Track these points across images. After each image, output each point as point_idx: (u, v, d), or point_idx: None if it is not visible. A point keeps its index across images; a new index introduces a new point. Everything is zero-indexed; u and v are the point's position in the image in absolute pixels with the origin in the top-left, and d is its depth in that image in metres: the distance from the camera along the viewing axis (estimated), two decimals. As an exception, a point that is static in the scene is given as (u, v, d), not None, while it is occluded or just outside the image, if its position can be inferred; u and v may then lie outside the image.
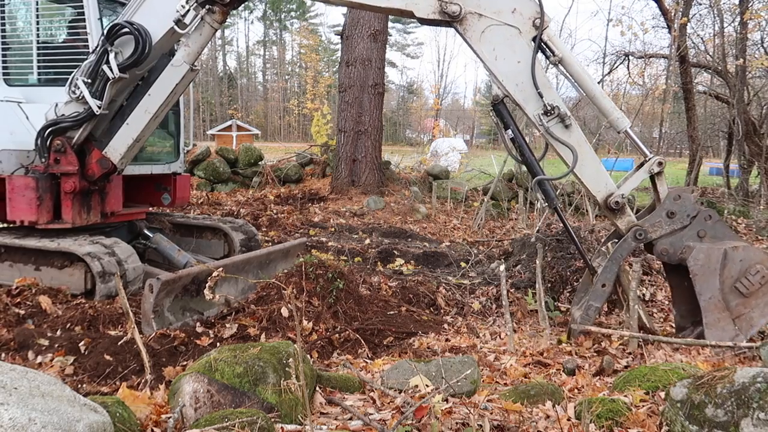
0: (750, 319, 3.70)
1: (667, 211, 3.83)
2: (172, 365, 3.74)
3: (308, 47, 55.56)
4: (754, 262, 3.67)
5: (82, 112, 5.01)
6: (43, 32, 6.03)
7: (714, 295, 3.62)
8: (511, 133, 4.40)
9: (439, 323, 5.03)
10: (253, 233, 6.83)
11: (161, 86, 5.02)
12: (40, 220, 5.21)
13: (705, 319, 3.72)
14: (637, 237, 3.88)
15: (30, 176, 5.20)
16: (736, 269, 3.65)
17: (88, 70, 4.92)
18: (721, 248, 3.72)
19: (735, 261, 3.66)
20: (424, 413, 2.55)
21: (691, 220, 3.79)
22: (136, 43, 4.77)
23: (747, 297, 3.65)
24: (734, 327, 3.66)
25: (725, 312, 3.65)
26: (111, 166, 5.23)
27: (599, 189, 4.08)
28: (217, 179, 14.43)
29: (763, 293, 3.68)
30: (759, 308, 3.69)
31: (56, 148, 5.12)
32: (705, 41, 16.99)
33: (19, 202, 5.16)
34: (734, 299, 3.65)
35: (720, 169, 22.14)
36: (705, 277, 3.64)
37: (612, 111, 4.16)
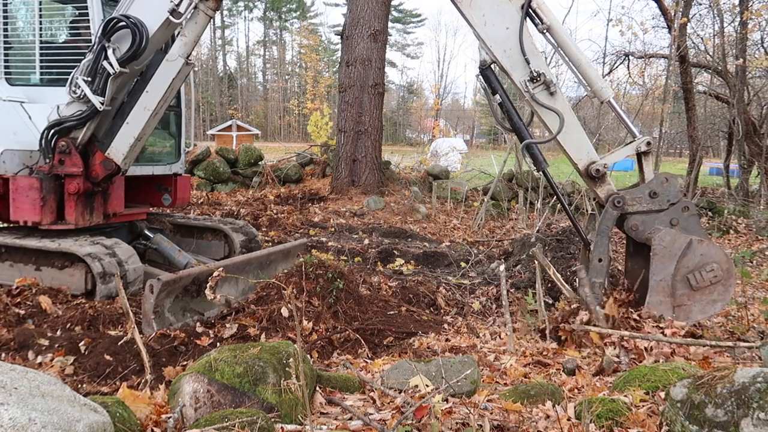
0: (689, 311, 3.76)
1: (650, 191, 3.86)
2: (172, 365, 3.74)
3: (308, 47, 55.56)
4: (712, 260, 3.72)
5: (85, 110, 5.03)
6: (45, 32, 6.03)
7: (665, 278, 3.67)
8: (499, 98, 4.40)
9: (439, 323, 5.03)
10: (254, 234, 6.84)
11: (158, 82, 5.04)
12: (44, 220, 5.22)
13: (648, 298, 3.76)
14: (616, 204, 3.90)
15: (34, 177, 5.20)
16: (694, 262, 3.71)
17: (87, 69, 4.94)
18: (687, 237, 3.77)
19: (696, 253, 3.72)
20: (424, 413, 2.55)
21: (669, 206, 3.83)
22: (133, 36, 4.80)
23: (694, 290, 3.71)
24: (672, 314, 3.71)
25: (669, 297, 3.70)
26: (114, 167, 5.25)
27: (581, 157, 4.11)
28: (217, 179, 14.43)
29: (710, 291, 3.74)
30: (701, 304, 3.76)
31: (61, 149, 5.14)
32: (705, 41, 16.99)
33: (22, 203, 5.17)
34: (682, 289, 3.70)
35: (720, 169, 22.14)
36: (663, 259, 3.68)
37: (596, 80, 4.19)
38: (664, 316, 3.73)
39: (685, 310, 3.72)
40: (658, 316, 3.78)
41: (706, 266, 3.69)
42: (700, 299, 3.75)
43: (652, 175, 4.02)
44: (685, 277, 3.70)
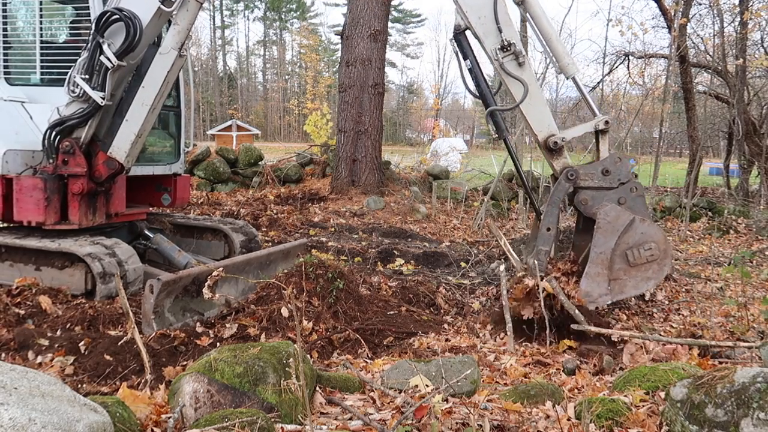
0: (623, 285, 3.89)
1: (603, 168, 3.97)
2: (172, 365, 3.74)
3: (308, 47, 55.57)
4: (651, 240, 3.83)
5: (86, 107, 5.04)
6: (45, 32, 6.03)
7: (605, 252, 3.78)
8: (470, 64, 4.47)
9: (439, 323, 5.03)
10: (254, 234, 6.84)
11: (153, 76, 5.06)
12: (48, 220, 5.23)
13: (587, 269, 3.85)
14: (569, 177, 4.01)
15: (38, 177, 5.20)
16: (634, 239, 3.82)
17: (84, 67, 4.96)
18: (631, 215, 3.88)
19: (637, 231, 3.84)
20: (424, 413, 2.55)
21: (619, 185, 3.95)
22: (127, 28, 4.83)
23: (631, 266, 3.83)
24: (607, 287, 3.82)
25: (607, 270, 3.80)
26: (118, 166, 5.26)
27: (542, 129, 4.19)
28: (217, 179, 14.43)
29: (645, 269, 3.86)
30: (635, 280, 3.87)
31: (65, 150, 5.15)
32: (705, 41, 16.99)
33: (26, 203, 5.17)
34: (619, 264, 3.82)
35: (720, 169, 22.15)
36: (606, 233, 3.79)
37: (564, 56, 4.30)
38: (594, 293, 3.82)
39: (619, 284, 3.85)
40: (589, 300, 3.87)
41: (645, 244, 3.81)
42: (635, 275, 3.86)
43: (607, 154, 4.13)
44: (624, 253, 3.82)
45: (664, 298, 6.27)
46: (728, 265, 7.48)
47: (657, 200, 13.76)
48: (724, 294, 6.50)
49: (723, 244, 10.84)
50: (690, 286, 6.88)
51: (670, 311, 5.89)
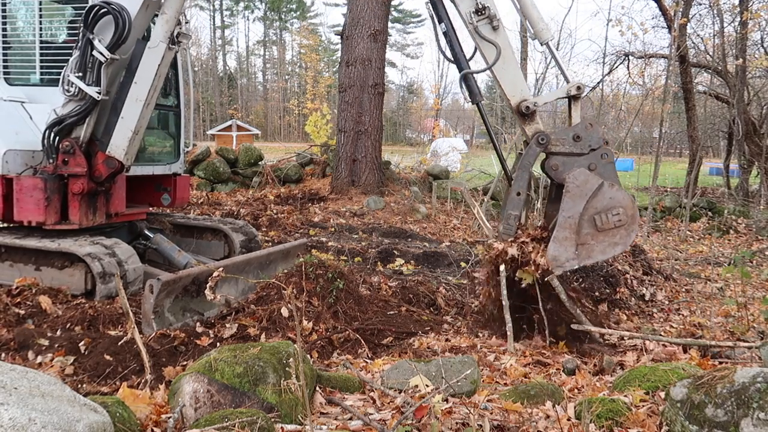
0: (591, 250, 3.87)
1: (575, 134, 3.94)
2: (172, 365, 3.74)
3: (308, 47, 55.57)
4: (619, 205, 3.82)
5: (83, 104, 5.05)
6: (45, 32, 6.02)
7: (573, 216, 3.77)
8: (444, 27, 4.44)
9: (439, 323, 5.03)
10: (254, 234, 6.84)
11: (144, 71, 5.07)
12: (48, 220, 5.23)
13: (555, 233, 3.84)
14: (540, 141, 3.99)
15: (38, 177, 5.20)
16: (603, 204, 3.81)
17: (77, 65, 4.98)
18: (599, 180, 3.88)
19: (605, 196, 3.82)
20: (424, 413, 2.55)
21: (590, 152, 3.93)
22: (116, 21, 4.85)
23: (598, 231, 3.82)
24: (575, 251, 3.81)
25: (575, 235, 3.79)
26: (118, 164, 5.26)
27: (515, 93, 4.17)
28: (217, 179, 14.44)
29: (612, 234, 3.85)
30: (602, 245, 3.86)
31: (65, 150, 5.15)
32: (705, 41, 17.00)
33: (27, 203, 5.17)
34: (587, 228, 3.81)
35: (720, 169, 22.15)
36: (575, 197, 3.78)
37: (538, 21, 4.29)
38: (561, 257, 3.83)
39: (587, 248, 3.84)
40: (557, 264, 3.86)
41: (613, 210, 3.79)
42: (602, 240, 3.85)
43: (579, 120, 4.13)
44: (592, 218, 3.80)
45: (664, 298, 6.28)
46: (728, 265, 7.49)
47: (657, 200, 13.76)
48: (724, 294, 6.51)
49: (723, 244, 10.85)
50: (690, 286, 6.88)
51: (670, 311, 5.89)
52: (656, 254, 8.98)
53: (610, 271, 6.02)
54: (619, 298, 5.78)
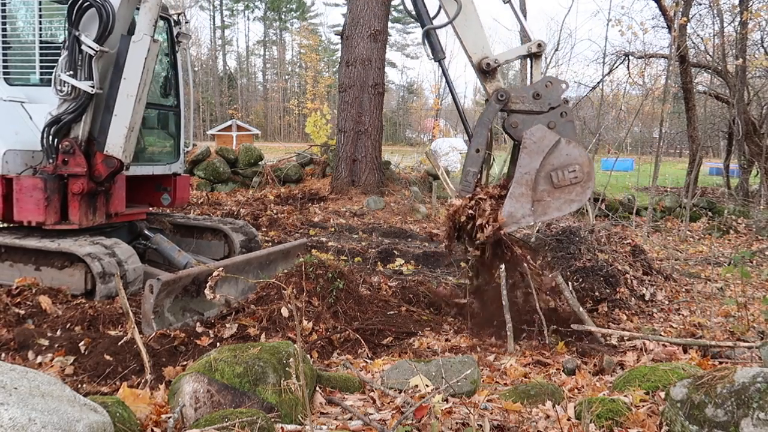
0: (546, 207, 3.87)
1: (534, 92, 3.92)
2: (172, 365, 3.73)
3: (308, 47, 55.57)
4: (575, 162, 3.81)
5: (78, 100, 5.07)
6: (45, 32, 6.02)
7: (530, 172, 3.76)
8: None
9: (439, 323, 5.03)
10: (254, 234, 6.83)
11: (132, 66, 5.09)
12: (48, 220, 5.22)
13: (511, 189, 3.84)
14: (499, 98, 3.95)
15: (38, 177, 5.20)
16: (559, 161, 3.80)
17: (67, 64, 5.02)
18: (556, 136, 3.85)
19: (562, 153, 3.82)
20: (424, 413, 2.55)
21: (550, 110, 3.90)
22: (99, 11, 4.90)
23: (555, 188, 3.81)
24: (531, 208, 3.80)
25: (531, 191, 3.78)
26: (117, 163, 5.25)
27: (476, 51, 4.14)
28: (217, 179, 14.43)
29: (568, 191, 3.84)
30: (558, 202, 3.85)
31: (65, 150, 5.15)
32: (705, 41, 16.99)
33: (26, 203, 5.16)
34: (544, 185, 3.81)
35: (720, 169, 22.16)
36: (531, 154, 3.77)
37: None
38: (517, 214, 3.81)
39: (543, 205, 3.83)
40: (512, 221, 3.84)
41: (569, 166, 3.78)
42: (558, 197, 3.84)
43: (536, 77, 4.09)
44: (549, 174, 3.80)
45: (664, 298, 6.28)
46: (728, 265, 7.49)
47: (657, 200, 13.76)
48: (724, 294, 6.51)
49: (723, 244, 10.85)
50: (690, 286, 6.88)
51: (670, 311, 5.89)
52: (656, 254, 8.98)
53: (610, 271, 6.02)
54: (619, 298, 5.78)
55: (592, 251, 6.40)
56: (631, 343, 4.43)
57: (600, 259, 6.25)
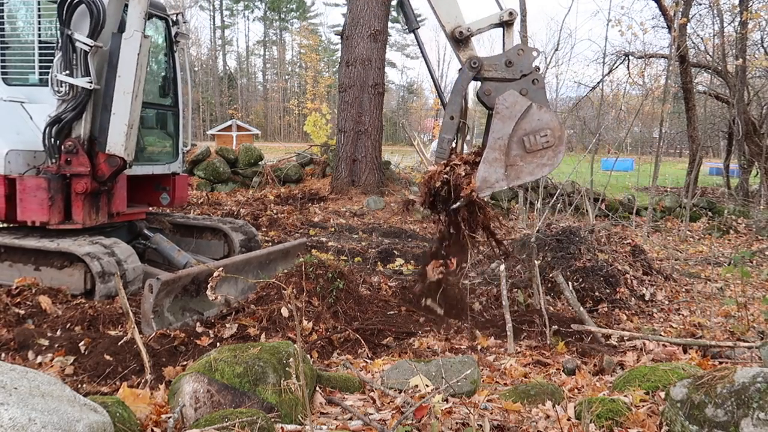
0: (519, 171, 3.94)
1: (507, 60, 3.97)
2: (172, 365, 3.73)
3: (308, 47, 55.56)
4: (547, 127, 3.87)
5: (77, 98, 5.10)
6: (44, 32, 6.01)
7: (503, 137, 3.83)
8: None
9: (439, 323, 5.02)
10: (253, 234, 6.83)
11: (125, 63, 5.14)
12: (52, 220, 5.23)
13: (485, 154, 3.90)
14: (472, 66, 4.00)
15: (42, 177, 5.21)
16: (531, 126, 3.86)
17: (62, 64, 5.05)
18: (528, 102, 3.90)
19: (533, 118, 3.88)
20: (424, 413, 2.55)
21: (522, 77, 3.95)
22: (89, 8, 4.97)
23: (527, 153, 3.88)
24: (504, 172, 3.87)
25: (504, 156, 3.85)
26: (120, 161, 5.29)
27: (449, 20, 4.17)
28: (217, 179, 14.43)
29: (540, 155, 3.90)
30: (531, 166, 3.92)
31: (68, 149, 5.17)
32: (705, 41, 17.00)
33: (30, 203, 5.18)
34: (516, 150, 3.87)
35: (720, 169, 22.16)
36: (504, 119, 3.83)
37: None
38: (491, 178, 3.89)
39: (516, 169, 3.91)
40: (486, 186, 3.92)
41: (541, 131, 3.85)
42: (531, 161, 3.91)
43: (508, 45, 4.15)
44: (521, 139, 3.86)
45: (664, 298, 6.28)
46: (728, 265, 7.49)
47: (657, 200, 13.77)
48: (724, 294, 6.51)
49: (723, 244, 10.85)
50: (690, 286, 6.88)
51: (670, 311, 5.89)
52: (656, 254, 8.98)
53: (610, 271, 6.02)
54: (619, 298, 5.78)
55: (592, 251, 6.41)
56: (631, 343, 4.43)
57: (600, 259, 6.25)
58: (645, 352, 4.16)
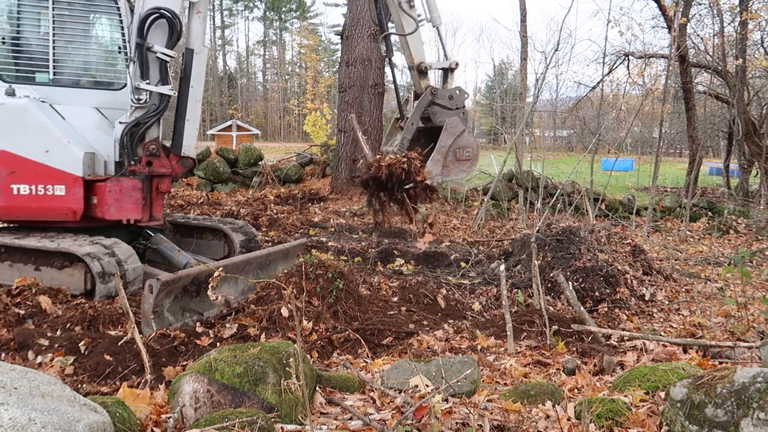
0: (449, 171, 5.21)
1: (450, 95, 5.32)
2: (172, 365, 3.73)
3: (308, 47, 55.52)
4: (470, 146, 5.29)
5: (156, 105, 5.44)
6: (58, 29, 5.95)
7: (445, 147, 5.14)
8: None
9: (439, 323, 5.03)
10: (253, 234, 6.83)
11: (197, 75, 5.71)
12: (144, 218, 5.60)
13: (432, 155, 5.10)
14: (432, 93, 5.26)
15: (136, 178, 5.51)
16: (462, 143, 5.26)
17: (140, 73, 5.31)
18: (464, 127, 5.27)
19: (464, 138, 5.24)
20: (424, 413, 2.55)
21: (456, 109, 5.35)
22: (169, 21, 5.31)
23: (456, 160, 5.23)
24: (441, 169, 5.13)
25: (443, 159, 5.17)
26: (191, 162, 5.84)
27: (418, 55, 5.45)
28: (217, 179, 14.42)
29: (463, 164, 5.25)
30: (456, 170, 5.25)
31: (151, 152, 5.51)
32: (705, 41, 17.00)
33: (126, 202, 5.47)
34: (450, 156, 5.20)
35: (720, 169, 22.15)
36: (449, 135, 5.16)
37: (434, 9, 5.52)
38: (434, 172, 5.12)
39: (447, 170, 5.18)
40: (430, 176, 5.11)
41: (467, 148, 5.26)
42: (457, 166, 5.25)
43: (451, 85, 5.53)
44: (455, 150, 5.21)
45: (664, 298, 6.28)
46: (728, 265, 7.49)
47: (657, 200, 13.77)
48: (724, 294, 6.51)
49: (723, 244, 10.85)
50: (690, 286, 6.88)
51: (670, 311, 5.89)
52: (656, 254, 8.98)
53: (610, 271, 6.02)
54: (619, 298, 5.78)
55: (592, 251, 6.41)
56: (631, 343, 4.43)
57: (600, 259, 6.25)
58: (645, 352, 4.16)
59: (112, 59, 6.03)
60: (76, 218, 5.47)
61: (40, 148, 5.31)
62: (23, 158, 5.28)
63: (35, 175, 5.30)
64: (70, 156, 5.34)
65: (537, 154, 16.34)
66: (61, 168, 5.32)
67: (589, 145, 13.55)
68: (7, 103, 5.29)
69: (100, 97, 5.82)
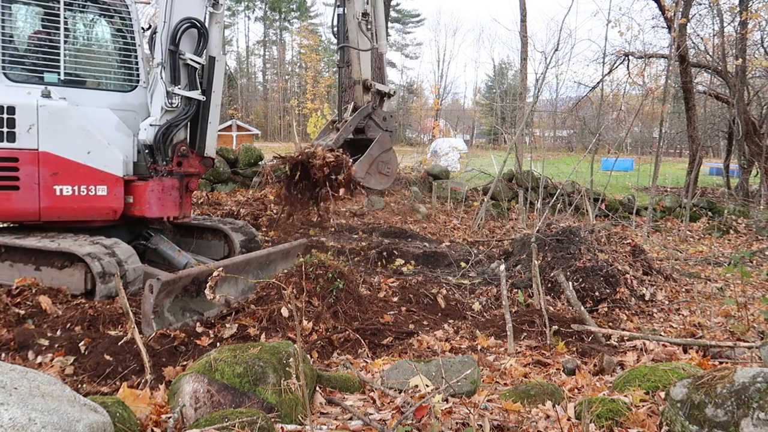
0: (370, 179, 5.67)
1: (384, 116, 6.06)
2: (172, 365, 3.73)
3: (308, 47, 55.50)
4: (390, 163, 5.86)
5: (187, 109, 5.74)
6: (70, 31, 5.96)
7: (372, 155, 5.65)
8: (341, 11, 6.13)
9: (439, 323, 5.03)
10: (253, 234, 6.83)
11: (218, 80, 6.01)
12: (180, 215, 5.91)
13: (361, 159, 5.53)
14: (373, 108, 5.87)
15: (175, 177, 5.82)
16: (386, 158, 5.83)
17: (170, 79, 5.57)
18: (390, 145, 5.93)
19: (388, 155, 5.84)
20: (424, 413, 2.55)
21: (386, 130, 6.01)
22: (198, 30, 5.64)
23: (377, 171, 5.76)
24: (364, 173, 5.57)
25: (368, 165, 5.63)
26: (212, 162, 6.16)
27: (365, 73, 6.10)
28: (217, 179, 14.40)
29: (381, 177, 5.81)
30: (375, 179, 5.75)
31: (181, 153, 5.81)
32: (705, 41, 17.00)
33: (168, 201, 5.79)
34: (374, 166, 5.70)
35: (720, 169, 22.15)
36: (379, 147, 5.72)
37: (383, 37, 6.24)
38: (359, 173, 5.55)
39: (368, 177, 5.67)
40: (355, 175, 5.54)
41: (388, 164, 5.85)
42: (377, 177, 5.78)
43: (386, 109, 6.24)
44: (378, 162, 5.75)
45: (664, 298, 6.28)
46: (728, 265, 7.49)
47: (657, 200, 13.77)
48: (724, 294, 6.51)
49: (723, 244, 10.85)
50: (690, 286, 6.88)
51: (670, 311, 5.89)
52: (656, 254, 8.98)
53: (610, 271, 6.02)
54: (619, 298, 5.78)
55: (592, 251, 6.41)
56: (631, 343, 4.43)
57: (600, 259, 6.25)
58: (645, 352, 4.16)
59: (123, 61, 6.04)
60: (116, 217, 5.68)
61: (83, 150, 5.42)
62: (66, 159, 5.35)
63: (78, 176, 5.41)
64: (111, 157, 5.54)
65: (537, 154, 16.34)
66: (103, 169, 5.50)
67: (589, 145, 13.55)
68: (47, 105, 5.30)
69: (111, 98, 5.88)
